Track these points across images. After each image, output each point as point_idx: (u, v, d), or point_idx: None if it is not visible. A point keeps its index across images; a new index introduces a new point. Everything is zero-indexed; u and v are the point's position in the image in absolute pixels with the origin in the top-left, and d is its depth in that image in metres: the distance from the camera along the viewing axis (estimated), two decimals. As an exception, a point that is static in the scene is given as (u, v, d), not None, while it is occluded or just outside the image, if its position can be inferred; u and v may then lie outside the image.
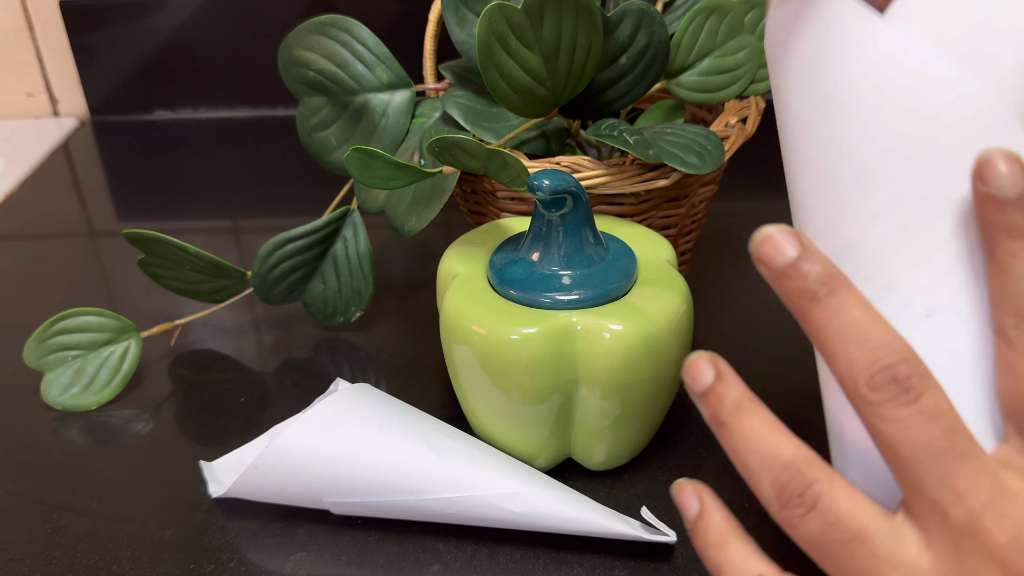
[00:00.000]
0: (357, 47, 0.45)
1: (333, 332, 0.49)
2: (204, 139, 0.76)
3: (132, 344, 0.45)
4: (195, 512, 0.37)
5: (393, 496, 0.34)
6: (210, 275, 0.45)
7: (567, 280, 0.35)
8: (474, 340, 0.34)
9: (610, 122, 0.41)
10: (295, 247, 0.46)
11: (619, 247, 0.37)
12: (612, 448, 0.37)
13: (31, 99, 0.80)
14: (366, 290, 0.47)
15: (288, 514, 0.36)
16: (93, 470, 0.40)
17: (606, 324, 0.33)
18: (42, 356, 0.44)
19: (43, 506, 0.38)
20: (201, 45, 0.76)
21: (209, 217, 0.63)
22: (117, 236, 0.61)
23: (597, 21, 0.38)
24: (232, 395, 0.44)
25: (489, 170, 0.36)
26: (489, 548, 0.35)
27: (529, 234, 0.36)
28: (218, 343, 0.48)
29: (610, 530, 0.33)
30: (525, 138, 0.44)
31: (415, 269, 0.55)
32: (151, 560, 0.35)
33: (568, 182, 0.34)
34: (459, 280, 0.37)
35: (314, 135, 0.46)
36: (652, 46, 0.41)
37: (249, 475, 0.34)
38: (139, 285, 0.53)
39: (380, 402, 0.37)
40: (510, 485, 0.34)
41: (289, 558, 0.35)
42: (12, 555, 0.35)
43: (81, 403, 0.43)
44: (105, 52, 0.76)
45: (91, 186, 0.69)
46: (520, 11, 0.37)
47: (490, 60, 0.37)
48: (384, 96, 0.45)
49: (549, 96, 0.40)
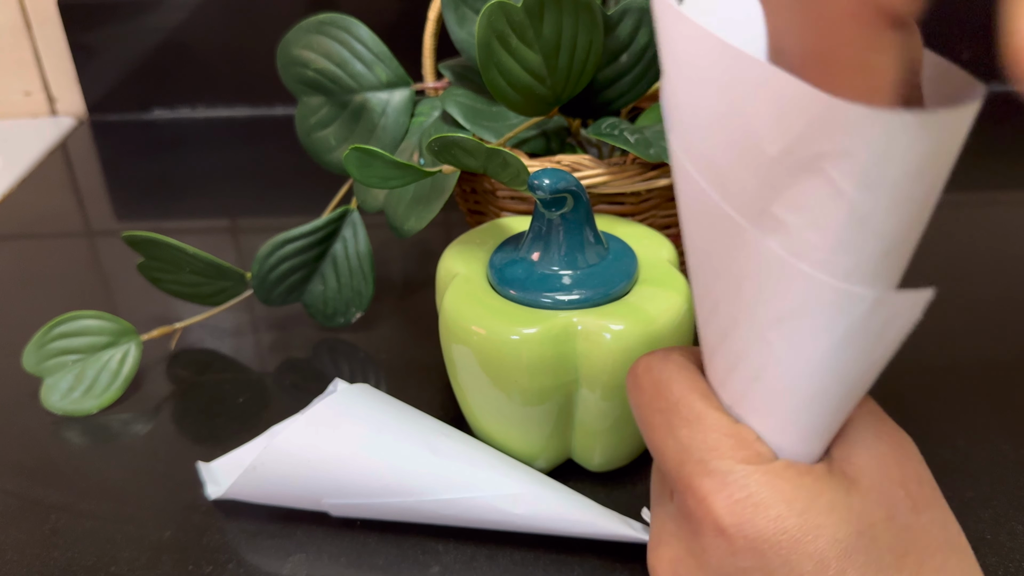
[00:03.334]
0: (356, 46, 0.45)
1: (332, 332, 0.49)
2: (202, 138, 0.75)
3: (132, 347, 0.45)
4: (193, 513, 0.37)
5: (392, 497, 0.34)
6: (209, 277, 0.45)
7: (567, 280, 0.35)
8: (474, 340, 0.34)
9: (611, 121, 0.41)
10: (294, 247, 0.45)
11: (620, 247, 0.37)
12: (613, 449, 0.36)
13: (29, 98, 0.80)
14: (366, 290, 0.47)
15: (287, 515, 0.36)
16: (91, 471, 0.40)
17: (607, 324, 0.33)
18: (41, 361, 0.43)
19: (41, 507, 0.38)
20: (199, 44, 0.76)
21: (208, 217, 0.63)
22: (115, 236, 0.61)
23: (597, 19, 0.38)
24: (231, 396, 0.44)
25: (489, 169, 0.36)
26: (489, 550, 0.35)
27: (529, 234, 0.36)
28: (217, 344, 0.48)
29: (610, 532, 0.33)
30: (525, 137, 0.44)
31: (415, 269, 0.55)
32: (149, 561, 0.35)
33: (568, 181, 0.33)
34: (459, 280, 0.36)
35: (313, 134, 0.46)
36: (653, 44, 0.40)
37: (247, 476, 0.34)
38: (138, 285, 0.53)
39: (379, 403, 0.36)
40: (510, 486, 0.34)
41: (288, 559, 0.34)
42: (10, 556, 0.35)
43: (81, 408, 0.43)
44: (103, 51, 0.76)
45: (89, 185, 0.69)
46: (520, 9, 0.36)
47: (490, 58, 0.37)
48: (383, 95, 0.45)
49: (549, 95, 0.40)
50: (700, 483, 0.23)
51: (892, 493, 0.23)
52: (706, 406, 0.24)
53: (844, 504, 0.22)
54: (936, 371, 0.43)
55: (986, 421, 0.41)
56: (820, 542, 0.22)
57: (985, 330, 0.47)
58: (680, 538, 0.24)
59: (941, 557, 0.22)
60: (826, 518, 0.22)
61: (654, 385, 0.25)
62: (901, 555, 0.22)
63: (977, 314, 0.48)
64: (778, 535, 0.22)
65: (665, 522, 0.26)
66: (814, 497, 0.22)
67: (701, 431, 0.24)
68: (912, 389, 0.42)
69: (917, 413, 0.41)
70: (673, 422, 0.24)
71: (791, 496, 0.22)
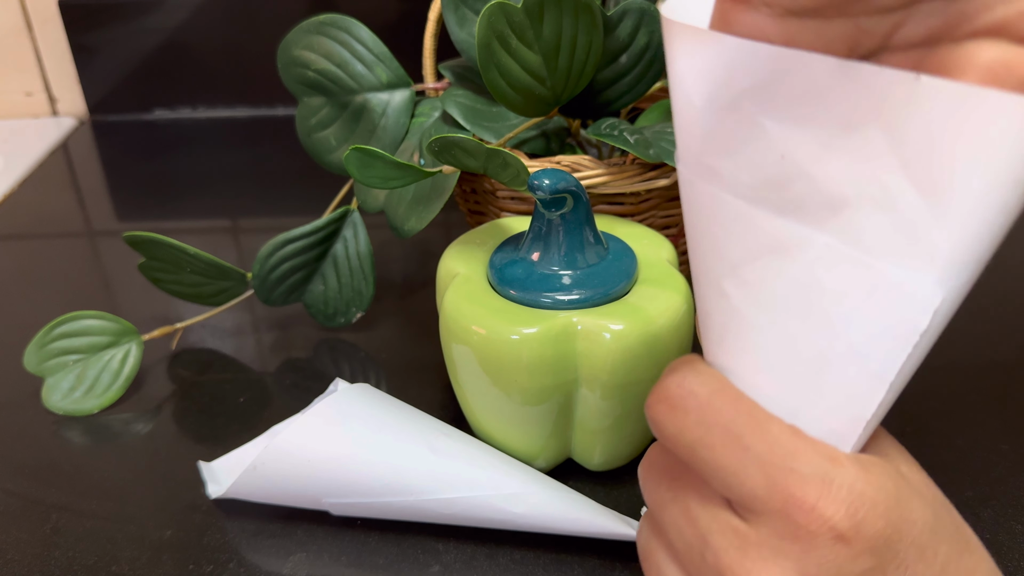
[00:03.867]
0: (356, 47, 0.45)
1: (332, 332, 0.49)
2: (203, 139, 0.76)
3: (133, 347, 0.45)
4: (194, 513, 0.37)
5: (393, 497, 0.34)
6: (210, 277, 0.45)
7: (567, 280, 0.35)
8: (474, 340, 0.34)
9: (610, 121, 0.41)
10: (295, 248, 0.45)
11: (619, 247, 0.37)
12: (612, 448, 0.36)
13: (30, 99, 0.80)
14: (367, 290, 0.47)
15: (287, 515, 0.36)
16: (92, 470, 0.40)
17: (606, 324, 0.33)
18: (43, 361, 0.43)
19: (42, 506, 0.38)
20: (200, 45, 0.76)
21: (208, 217, 0.63)
22: (116, 236, 0.61)
23: (597, 20, 0.38)
24: (232, 396, 0.44)
25: (489, 170, 0.36)
26: (489, 549, 0.35)
27: (529, 234, 0.36)
28: (218, 343, 0.48)
29: (610, 531, 0.33)
30: (525, 137, 0.44)
31: (415, 269, 0.55)
32: (150, 560, 0.35)
33: (568, 181, 0.33)
34: (459, 280, 0.36)
35: (313, 135, 0.46)
36: (652, 45, 0.41)
37: (248, 476, 0.34)
38: (139, 285, 0.53)
39: (380, 402, 0.36)
40: (510, 486, 0.34)
41: (288, 559, 0.35)
42: (11, 555, 0.35)
43: (83, 408, 0.43)
44: (104, 52, 0.76)
45: (90, 186, 0.69)
46: (520, 10, 0.36)
47: (490, 59, 0.37)
48: (384, 96, 0.45)
49: (549, 95, 0.40)
50: (804, 493, 0.21)
51: (928, 485, 0.23)
52: (765, 413, 0.23)
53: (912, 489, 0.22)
54: (935, 371, 0.44)
55: (985, 421, 0.41)
56: (915, 528, 0.22)
57: (984, 330, 0.47)
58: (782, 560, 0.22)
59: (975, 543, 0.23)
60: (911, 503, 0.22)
61: (704, 405, 0.23)
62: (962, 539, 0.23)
63: (976, 314, 0.48)
64: (888, 529, 0.21)
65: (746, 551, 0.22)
66: (898, 485, 0.22)
67: (776, 439, 0.22)
68: (911, 389, 0.42)
69: (916, 413, 0.41)
70: (744, 437, 0.22)
71: (884, 486, 0.22)
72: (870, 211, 0.19)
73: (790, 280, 0.21)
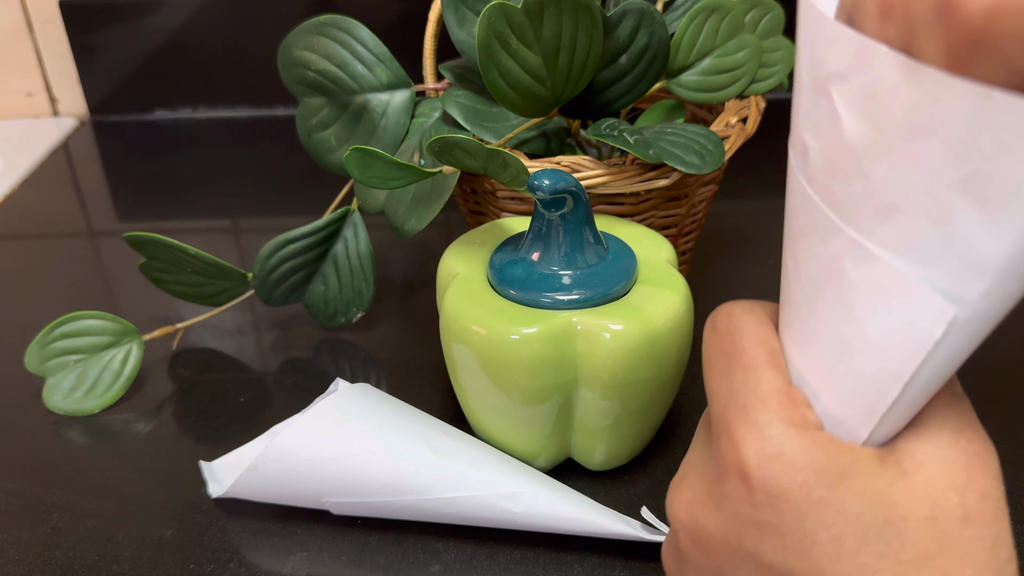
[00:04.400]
0: (357, 47, 0.45)
1: (333, 332, 0.49)
2: (204, 139, 0.76)
3: (134, 347, 0.45)
4: (195, 512, 0.37)
5: (393, 496, 0.34)
6: (211, 277, 0.45)
7: (567, 280, 0.35)
8: (474, 340, 0.34)
9: (610, 122, 0.41)
10: (296, 248, 0.46)
11: (619, 247, 0.37)
12: (612, 448, 0.36)
13: (30, 99, 0.80)
14: (367, 290, 0.47)
15: (288, 514, 0.36)
16: (93, 470, 0.40)
17: (606, 324, 0.33)
18: (44, 361, 0.44)
19: (43, 506, 0.38)
20: (201, 45, 0.76)
21: (209, 217, 0.63)
22: (117, 236, 0.61)
23: (597, 20, 0.38)
24: (232, 395, 0.44)
25: (489, 170, 0.36)
26: (489, 548, 0.35)
27: (529, 234, 0.36)
28: (218, 344, 0.48)
29: (610, 530, 0.33)
30: (525, 138, 0.44)
31: (415, 269, 0.55)
32: (151, 560, 0.35)
33: (568, 182, 0.34)
34: (459, 280, 0.36)
35: (314, 135, 0.46)
36: (652, 46, 0.41)
37: (249, 475, 0.34)
38: (139, 285, 0.53)
39: (380, 402, 0.36)
40: (510, 485, 0.34)
41: (289, 558, 0.35)
42: (11, 555, 0.35)
43: (83, 408, 0.43)
44: (105, 52, 0.76)
45: (91, 186, 0.69)
46: (520, 10, 0.37)
47: (490, 60, 0.37)
48: (384, 96, 0.45)
49: (549, 96, 0.40)
50: (737, 428, 0.23)
51: (944, 497, 0.22)
52: (768, 361, 0.24)
53: (878, 491, 0.22)
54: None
55: (985, 421, 0.41)
56: (840, 518, 0.22)
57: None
58: (704, 480, 0.24)
59: (972, 573, 0.22)
60: (853, 498, 0.22)
61: (728, 330, 0.25)
62: (928, 557, 0.22)
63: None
64: (800, 498, 0.22)
65: (694, 464, 0.26)
66: (847, 475, 0.22)
67: (754, 381, 0.24)
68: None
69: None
70: (732, 366, 0.24)
71: (823, 466, 0.22)
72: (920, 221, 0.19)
73: (821, 264, 0.22)
